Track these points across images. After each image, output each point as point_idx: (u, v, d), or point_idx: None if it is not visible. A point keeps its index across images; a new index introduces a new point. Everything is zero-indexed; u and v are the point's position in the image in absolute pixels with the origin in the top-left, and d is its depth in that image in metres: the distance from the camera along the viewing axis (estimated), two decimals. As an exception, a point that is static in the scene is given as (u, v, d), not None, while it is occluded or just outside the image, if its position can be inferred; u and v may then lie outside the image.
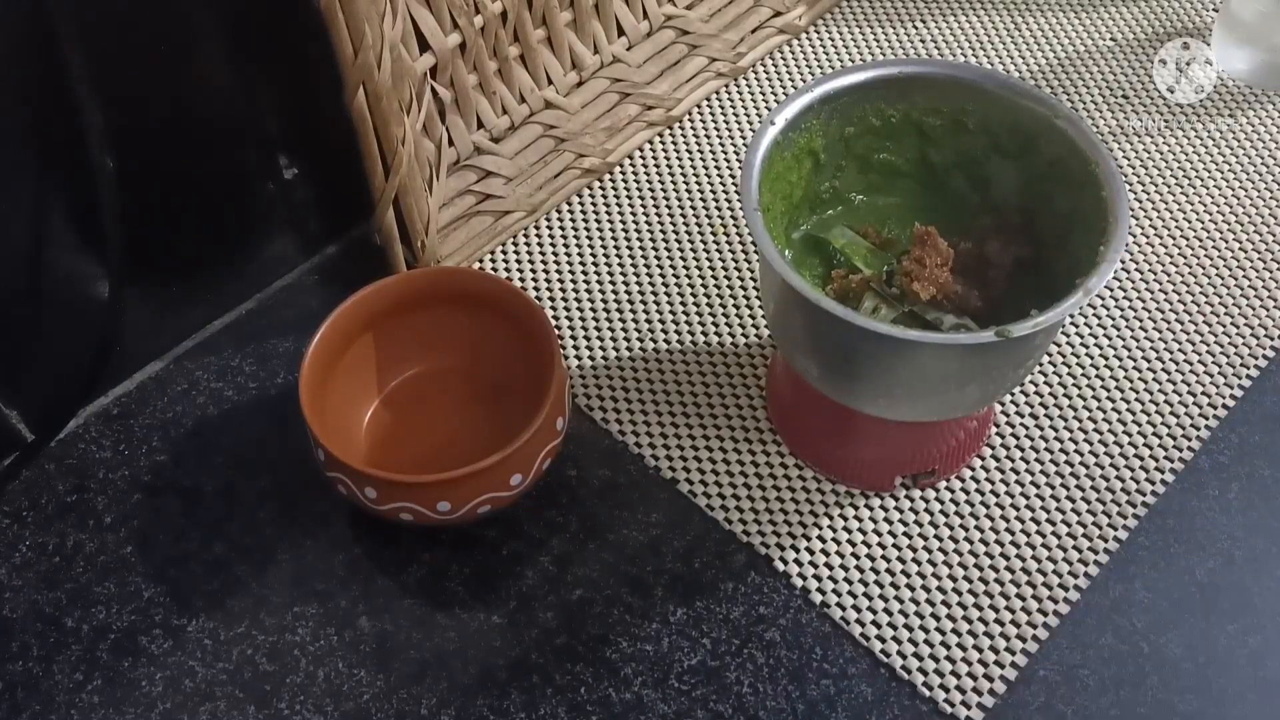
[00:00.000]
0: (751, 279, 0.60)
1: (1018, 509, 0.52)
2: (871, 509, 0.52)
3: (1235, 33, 0.66)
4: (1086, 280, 0.42)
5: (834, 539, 0.51)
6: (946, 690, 0.47)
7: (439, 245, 0.59)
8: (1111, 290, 0.59)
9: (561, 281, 0.61)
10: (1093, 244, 0.44)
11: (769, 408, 0.55)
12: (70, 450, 0.55)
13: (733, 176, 0.65)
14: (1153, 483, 0.52)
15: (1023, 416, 0.55)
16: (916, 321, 0.47)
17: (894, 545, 0.51)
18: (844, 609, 0.49)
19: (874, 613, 0.49)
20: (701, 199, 0.64)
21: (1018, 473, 0.53)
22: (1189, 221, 0.62)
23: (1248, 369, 0.56)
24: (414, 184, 0.56)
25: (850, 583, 0.50)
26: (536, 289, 0.60)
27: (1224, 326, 0.57)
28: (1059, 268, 0.46)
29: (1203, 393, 0.55)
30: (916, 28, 0.72)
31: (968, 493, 0.52)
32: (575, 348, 0.58)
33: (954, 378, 0.45)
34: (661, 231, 0.62)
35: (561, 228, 0.63)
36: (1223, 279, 0.59)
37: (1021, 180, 0.49)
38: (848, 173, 0.52)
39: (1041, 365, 0.56)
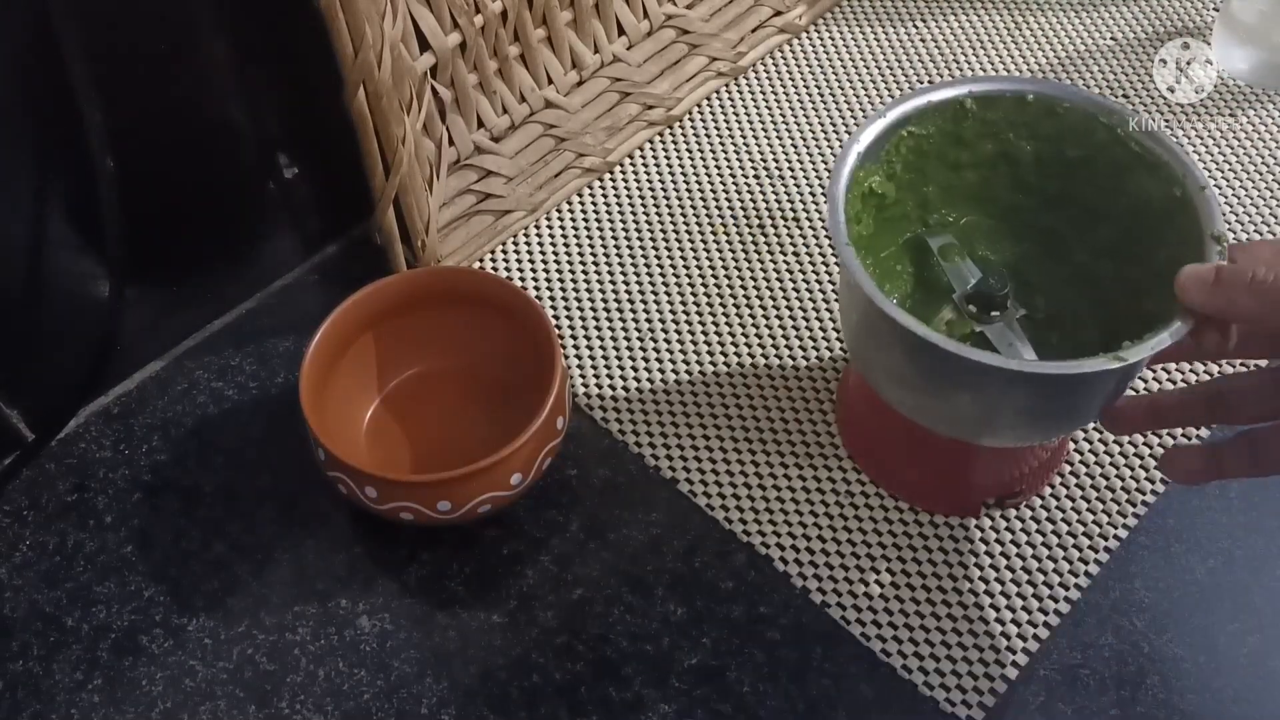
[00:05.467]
0: (751, 279, 0.60)
1: (1018, 508, 0.52)
2: (871, 509, 0.52)
3: (1235, 32, 0.66)
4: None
5: (834, 539, 0.51)
6: (947, 690, 0.47)
7: (439, 245, 0.59)
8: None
9: (561, 281, 0.61)
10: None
11: (843, 434, 0.54)
12: (70, 450, 0.55)
13: (732, 176, 0.65)
14: (1153, 482, 0.52)
15: (1023, 416, 0.55)
16: (985, 342, 0.46)
17: (894, 545, 0.51)
18: (844, 609, 0.49)
19: (874, 613, 0.49)
20: (702, 199, 0.64)
21: (1018, 472, 0.53)
22: (1189, 221, 0.62)
23: (1248, 368, 0.56)
24: (414, 183, 0.56)
25: (850, 583, 0.50)
26: (536, 289, 0.60)
27: (1224, 326, 0.57)
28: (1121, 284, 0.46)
29: (1203, 392, 0.55)
30: (916, 27, 0.72)
31: (968, 492, 0.52)
32: (575, 348, 0.58)
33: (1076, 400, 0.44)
34: (661, 231, 0.62)
35: (562, 227, 0.63)
36: (1223, 279, 0.59)
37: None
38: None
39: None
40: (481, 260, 0.61)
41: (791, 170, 0.65)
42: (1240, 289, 0.39)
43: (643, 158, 0.66)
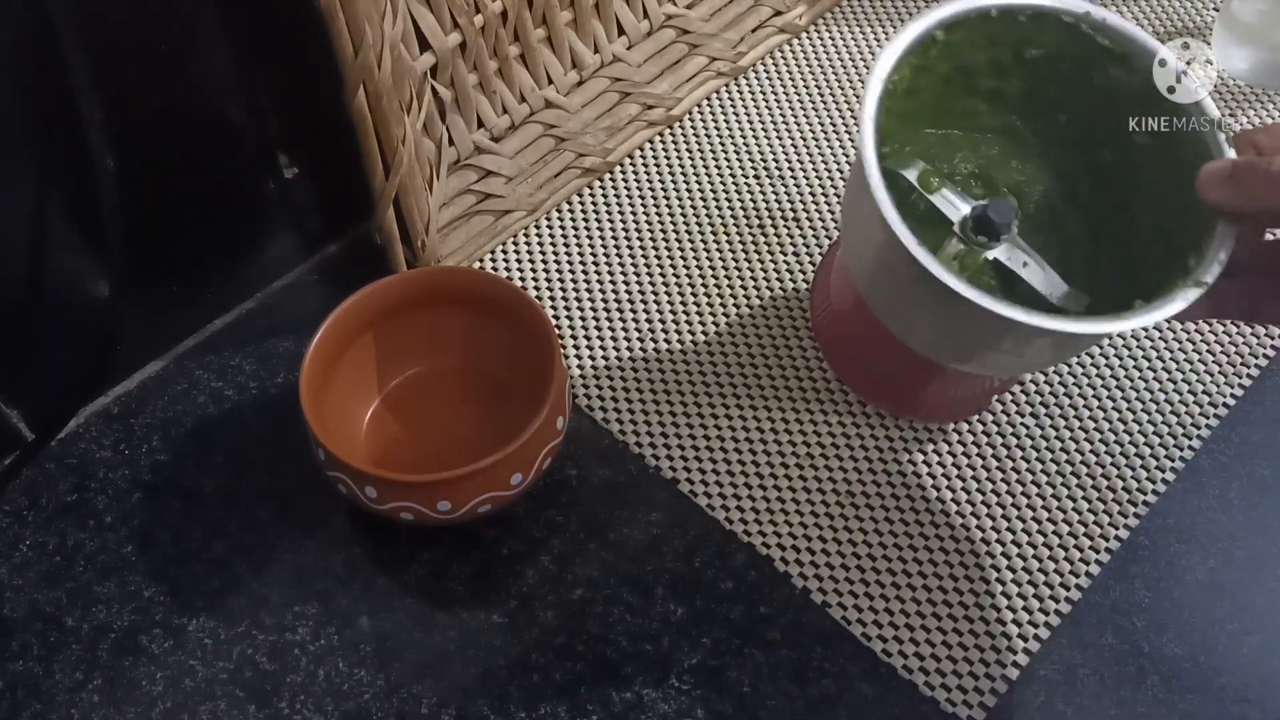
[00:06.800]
0: (751, 279, 0.60)
1: (1018, 508, 0.52)
2: (873, 508, 0.52)
3: (1235, 32, 0.66)
4: (1202, 273, 0.41)
5: (834, 539, 0.51)
6: (948, 690, 0.47)
7: (439, 245, 0.59)
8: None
9: (561, 281, 0.61)
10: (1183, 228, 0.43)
11: (833, 360, 0.55)
12: (70, 450, 0.55)
13: (732, 176, 0.65)
14: (1153, 482, 0.52)
15: (1023, 416, 0.55)
16: (998, 270, 0.46)
17: (894, 545, 0.51)
18: (844, 609, 0.49)
19: (874, 613, 0.49)
20: (702, 199, 0.64)
21: (1018, 472, 0.53)
22: (1189, 221, 0.62)
23: (1248, 368, 0.56)
24: (414, 183, 0.56)
25: (851, 583, 0.50)
26: (536, 289, 0.60)
27: (1225, 326, 0.57)
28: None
29: (1203, 392, 0.55)
30: (917, 27, 0.72)
31: (968, 493, 0.52)
32: (575, 348, 0.58)
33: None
34: (662, 231, 0.62)
35: (562, 227, 0.63)
36: (1223, 279, 0.59)
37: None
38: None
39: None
40: (481, 260, 0.61)
41: (791, 170, 0.65)
42: (1259, 182, 0.39)
43: (643, 158, 0.66)
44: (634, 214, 0.63)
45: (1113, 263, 0.48)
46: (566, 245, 0.62)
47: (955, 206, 0.46)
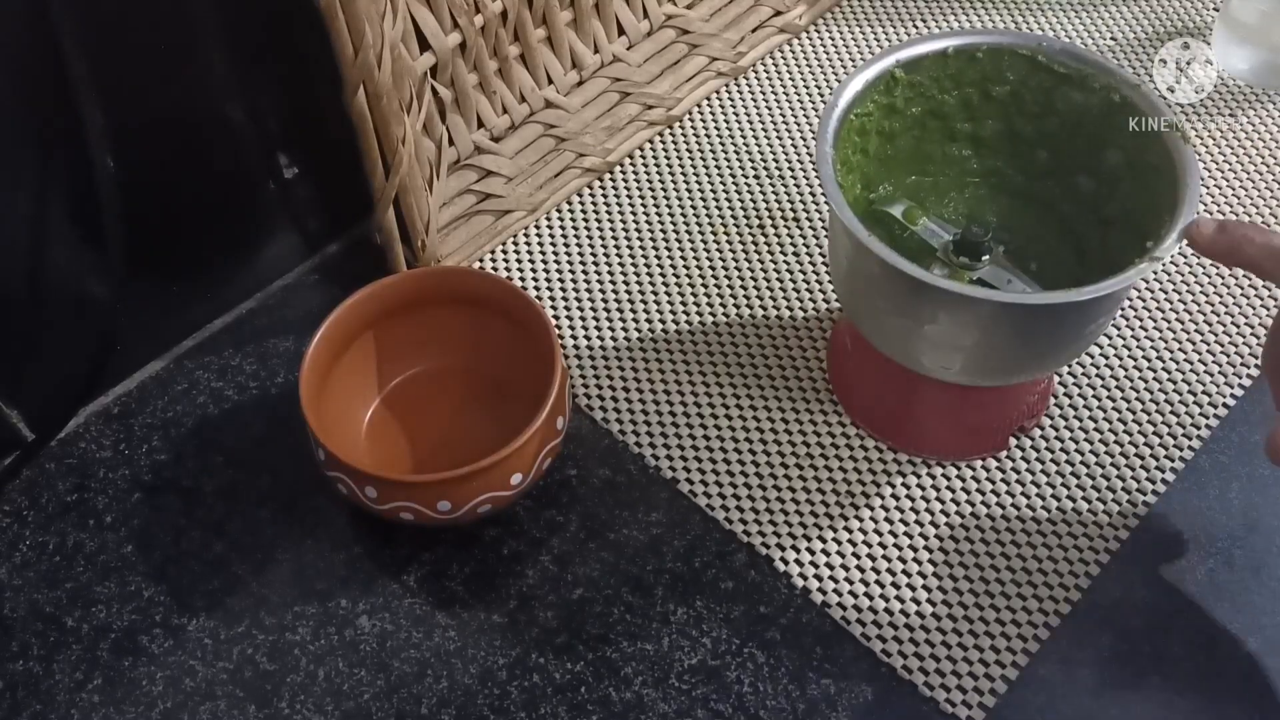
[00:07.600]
0: (751, 279, 0.60)
1: (1019, 509, 0.52)
2: (873, 508, 0.52)
3: (1235, 32, 0.66)
4: (1155, 248, 0.43)
5: (834, 539, 0.51)
6: (947, 690, 0.47)
7: (439, 245, 0.59)
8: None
9: (561, 281, 0.61)
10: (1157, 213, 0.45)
11: (846, 403, 0.55)
12: (70, 450, 0.55)
13: (732, 176, 0.65)
14: (1153, 482, 0.52)
15: (1023, 416, 0.55)
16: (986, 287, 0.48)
17: (894, 545, 0.51)
18: (844, 609, 0.49)
19: (874, 613, 0.49)
20: (702, 199, 0.64)
21: (1018, 473, 0.53)
22: (1189, 221, 0.62)
23: (1248, 368, 0.56)
24: (414, 183, 0.56)
25: (850, 583, 0.50)
26: (536, 289, 0.60)
27: (1224, 326, 0.57)
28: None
29: (1203, 392, 0.55)
30: (917, 27, 0.72)
31: (968, 493, 0.52)
32: (575, 348, 0.58)
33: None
34: (661, 231, 0.62)
35: (562, 227, 0.63)
36: (1223, 278, 0.59)
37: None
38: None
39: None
40: (481, 260, 0.61)
41: (791, 170, 0.65)
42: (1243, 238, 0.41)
43: (643, 158, 0.66)
44: (634, 214, 0.63)
45: (1098, 279, 0.48)
46: (566, 245, 0.62)
47: (937, 234, 0.49)
